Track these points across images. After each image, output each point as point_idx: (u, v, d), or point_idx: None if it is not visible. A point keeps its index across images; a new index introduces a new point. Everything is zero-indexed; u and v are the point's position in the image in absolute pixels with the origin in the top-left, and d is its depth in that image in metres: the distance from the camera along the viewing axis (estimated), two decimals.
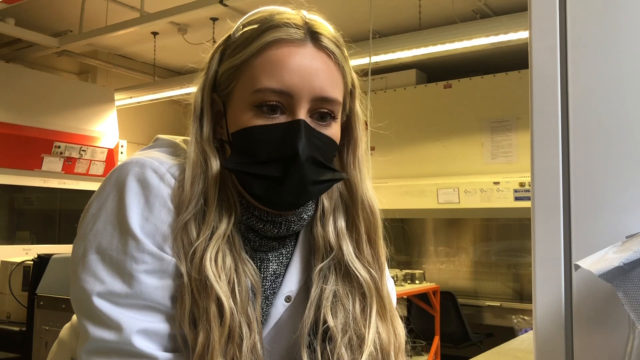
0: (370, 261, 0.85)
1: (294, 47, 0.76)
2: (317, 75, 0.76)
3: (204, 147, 0.79)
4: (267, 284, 0.84)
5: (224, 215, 0.78)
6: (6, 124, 4.55)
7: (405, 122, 4.94)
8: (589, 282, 0.63)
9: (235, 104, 0.79)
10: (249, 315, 0.76)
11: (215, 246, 0.75)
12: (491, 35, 3.87)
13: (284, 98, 0.75)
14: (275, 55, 0.76)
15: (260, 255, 0.84)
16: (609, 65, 0.65)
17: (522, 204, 4.38)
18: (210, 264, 0.74)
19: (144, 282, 0.73)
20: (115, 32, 4.55)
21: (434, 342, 4.39)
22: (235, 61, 0.78)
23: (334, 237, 0.85)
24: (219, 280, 0.74)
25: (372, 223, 0.87)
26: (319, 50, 0.78)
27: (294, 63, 0.75)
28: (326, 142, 0.79)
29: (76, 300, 0.76)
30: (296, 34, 0.77)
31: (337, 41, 0.80)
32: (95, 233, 0.75)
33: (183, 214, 0.76)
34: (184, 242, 0.76)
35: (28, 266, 2.99)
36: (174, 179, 0.78)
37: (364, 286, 0.84)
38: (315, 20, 0.80)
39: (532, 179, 0.68)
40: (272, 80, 0.75)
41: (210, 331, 0.72)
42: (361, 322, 0.82)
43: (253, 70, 0.76)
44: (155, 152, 0.83)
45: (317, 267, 0.84)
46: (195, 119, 0.81)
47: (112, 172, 0.79)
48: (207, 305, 0.73)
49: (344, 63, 0.81)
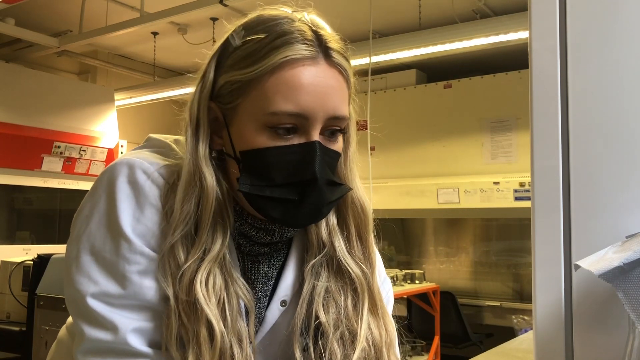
0: (361, 258, 0.85)
1: (308, 66, 0.74)
2: (330, 94, 0.75)
3: (200, 165, 0.77)
4: (259, 286, 0.84)
5: (218, 235, 0.77)
6: (6, 124, 4.55)
7: (405, 122, 4.94)
8: (589, 282, 0.63)
9: (242, 121, 0.76)
10: (240, 333, 0.75)
11: (206, 268, 0.75)
12: (491, 35, 3.87)
13: (299, 120, 0.74)
14: (291, 76, 0.73)
15: (251, 257, 0.84)
16: (609, 65, 0.65)
17: (522, 204, 4.38)
18: (200, 286, 0.73)
19: (137, 282, 0.74)
20: (115, 32, 4.54)
21: (434, 342, 4.39)
22: (242, 76, 0.75)
23: (326, 233, 0.85)
24: (209, 303, 0.73)
25: (363, 220, 0.86)
26: (331, 67, 0.76)
27: (309, 84, 0.74)
28: (335, 157, 0.79)
29: (71, 301, 0.76)
30: (309, 52, 0.74)
31: (344, 52, 0.79)
32: (89, 235, 0.76)
33: (170, 236, 0.75)
34: (171, 265, 0.75)
35: (28, 266, 2.99)
36: (164, 179, 0.78)
37: (355, 282, 0.83)
38: (321, 28, 0.78)
39: (532, 179, 0.68)
40: (288, 104, 0.73)
41: (201, 355, 0.72)
42: (353, 318, 0.82)
43: (265, 91, 0.74)
44: (145, 153, 0.83)
45: (310, 263, 0.84)
46: (192, 132, 0.78)
47: (103, 173, 0.79)
48: (197, 328, 0.72)
49: (350, 75, 0.80)
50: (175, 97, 5.59)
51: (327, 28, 0.80)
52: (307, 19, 0.78)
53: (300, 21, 0.77)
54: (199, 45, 5.30)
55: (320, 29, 0.78)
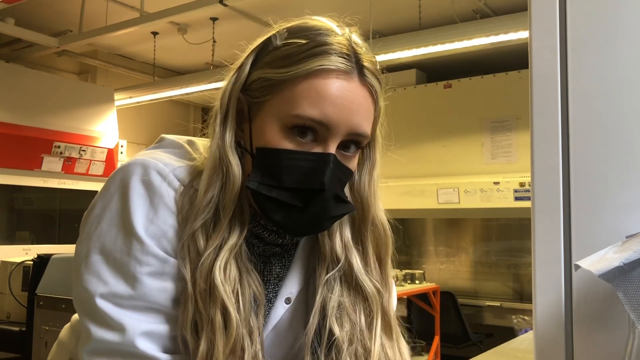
0: (378, 280, 0.86)
1: (340, 79, 0.75)
2: (357, 111, 0.76)
3: (227, 153, 0.77)
4: (270, 287, 0.85)
5: (236, 227, 0.77)
6: (6, 124, 4.55)
7: (405, 122, 4.93)
8: (589, 282, 0.63)
9: (265, 117, 0.77)
10: (251, 326, 0.76)
11: (224, 257, 0.75)
12: (491, 35, 3.87)
13: (321, 127, 0.74)
14: (323, 84, 0.74)
15: (264, 259, 0.85)
16: (609, 65, 0.65)
17: (522, 204, 4.38)
18: (219, 273, 0.74)
19: (148, 284, 0.73)
20: (115, 32, 4.54)
21: (434, 342, 4.40)
22: (275, 75, 0.76)
23: (341, 248, 0.85)
24: (226, 291, 0.74)
25: (384, 243, 0.87)
26: (362, 85, 0.77)
27: (338, 96, 0.74)
28: (347, 174, 0.80)
29: (79, 300, 0.76)
30: (344, 65, 0.75)
31: (378, 75, 0.79)
32: (100, 234, 0.75)
33: (192, 221, 0.75)
34: (190, 250, 0.75)
35: (28, 266, 2.99)
36: (179, 181, 0.78)
37: (369, 300, 0.84)
38: (360, 46, 0.79)
39: (532, 179, 0.68)
40: (314, 110, 0.73)
41: (215, 341, 0.72)
42: (367, 335, 0.82)
43: (295, 93, 0.74)
44: (160, 153, 0.82)
45: (323, 276, 0.84)
46: (221, 119, 0.79)
47: (116, 173, 0.78)
48: (213, 314, 0.73)
49: (380, 97, 0.81)
50: (175, 97, 5.59)
51: (371, 55, 0.80)
52: (348, 35, 0.79)
53: (342, 36, 0.78)
54: (199, 45, 5.31)
55: (359, 47, 0.78)
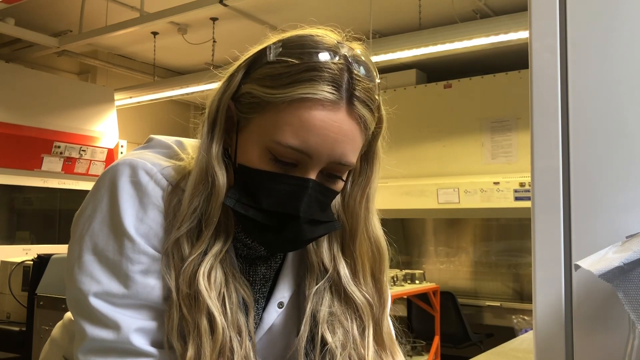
0: (370, 293, 0.85)
1: (326, 109, 0.72)
2: (341, 141, 0.74)
3: (213, 165, 0.77)
4: (257, 287, 0.85)
5: (221, 235, 0.78)
6: (6, 124, 4.55)
7: (405, 122, 4.93)
8: (589, 282, 0.63)
9: (250, 136, 0.76)
10: (240, 328, 0.76)
11: (209, 262, 0.76)
12: (491, 35, 3.87)
13: (301, 156, 0.73)
14: (307, 115, 0.72)
15: (249, 260, 0.85)
16: (609, 65, 0.65)
17: (522, 204, 4.38)
18: (202, 279, 0.74)
19: (140, 282, 0.74)
20: (115, 32, 4.54)
21: (434, 342, 4.40)
22: (262, 94, 0.74)
23: (328, 258, 0.85)
24: (211, 296, 0.74)
25: (378, 260, 0.86)
26: (349, 116, 0.74)
27: (321, 127, 0.72)
28: (330, 196, 0.79)
29: (73, 300, 0.76)
30: (331, 95, 0.72)
31: (371, 102, 0.76)
32: (91, 234, 0.76)
33: (177, 229, 0.76)
34: (175, 258, 0.75)
35: (28, 266, 2.99)
36: (167, 180, 0.78)
37: (359, 310, 0.84)
38: (357, 70, 0.75)
39: (532, 179, 0.68)
40: (295, 139, 0.72)
41: (201, 346, 0.72)
42: (360, 343, 0.82)
43: (278, 118, 0.73)
44: (147, 153, 0.83)
45: (313, 285, 0.84)
46: (208, 129, 0.78)
47: (105, 174, 0.79)
48: (198, 320, 0.73)
49: (371, 122, 0.78)
50: (175, 97, 5.59)
51: (369, 66, 0.78)
52: (348, 55, 0.75)
53: (339, 56, 0.74)
54: (199, 45, 5.31)
55: (356, 71, 0.75)
